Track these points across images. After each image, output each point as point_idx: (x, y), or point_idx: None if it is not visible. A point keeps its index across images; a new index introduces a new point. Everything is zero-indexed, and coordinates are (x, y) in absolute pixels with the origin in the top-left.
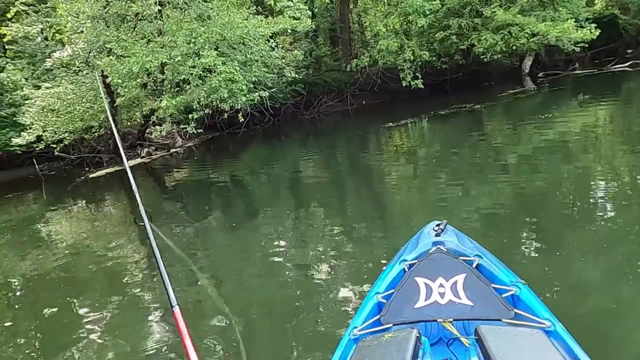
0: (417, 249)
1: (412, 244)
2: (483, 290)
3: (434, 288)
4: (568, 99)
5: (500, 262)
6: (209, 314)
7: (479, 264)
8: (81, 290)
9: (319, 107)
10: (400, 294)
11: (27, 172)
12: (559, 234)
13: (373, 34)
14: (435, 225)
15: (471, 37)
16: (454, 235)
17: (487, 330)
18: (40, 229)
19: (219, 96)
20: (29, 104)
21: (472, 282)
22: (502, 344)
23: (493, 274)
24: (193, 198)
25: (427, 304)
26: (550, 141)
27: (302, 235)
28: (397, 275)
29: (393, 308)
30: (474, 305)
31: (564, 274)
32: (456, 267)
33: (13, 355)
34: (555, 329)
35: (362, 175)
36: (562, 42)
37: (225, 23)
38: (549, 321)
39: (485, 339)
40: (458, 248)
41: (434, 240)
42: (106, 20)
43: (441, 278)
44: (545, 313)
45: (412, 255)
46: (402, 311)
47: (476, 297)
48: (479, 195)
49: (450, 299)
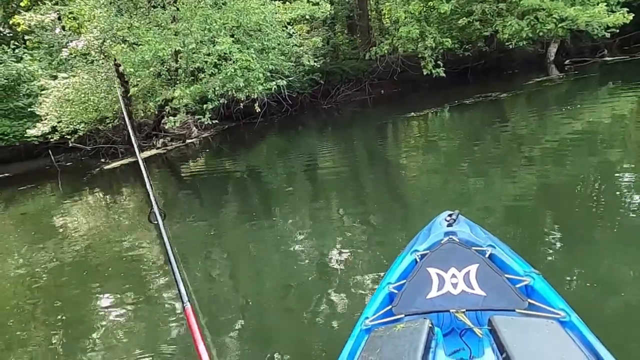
0: (429, 239)
1: (424, 234)
2: (496, 281)
3: (446, 278)
4: (596, 88)
5: (513, 252)
6: (222, 307)
7: (492, 254)
8: (96, 283)
9: (336, 96)
10: (412, 284)
11: (44, 163)
12: (582, 227)
13: (392, 20)
14: (448, 216)
15: (495, 23)
16: (466, 225)
17: (500, 320)
18: (56, 221)
19: (235, 85)
20: (45, 94)
21: (485, 273)
22: (516, 335)
23: (506, 264)
24: (208, 189)
25: (440, 294)
26: (577, 132)
27: (319, 226)
28: (409, 266)
29: (405, 298)
30: (487, 296)
31: (585, 266)
32: (469, 257)
33: (27, 342)
34: (571, 319)
35: (380, 166)
36: (592, 27)
37: (241, 9)
38: (563, 311)
39: (499, 330)
40: (470, 238)
41: (446, 230)
42: (119, 7)
43: (453, 268)
44: (560, 303)
45: (423, 245)
46: (414, 301)
47: (489, 288)
48: (501, 186)
49: (463, 289)
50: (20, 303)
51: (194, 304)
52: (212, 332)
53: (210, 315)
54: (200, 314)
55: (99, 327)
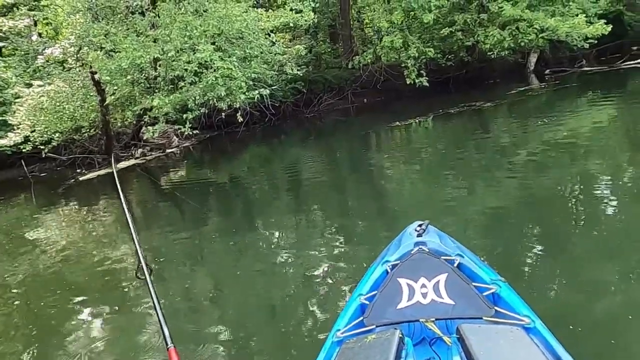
0: (400, 250)
1: (395, 245)
2: (464, 289)
3: (416, 288)
4: (576, 97)
5: (481, 261)
6: (196, 319)
7: (460, 263)
8: (71, 297)
9: (319, 105)
10: (383, 295)
11: (18, 173)
12: (558, 235)
13: (375, 30)
14: (418, 226)
15: (477, 33)
16: (436, 235)
17: (468, 328)
18: (30, 234)
19: (216, 94)
20: (19, 102)
21: (453, 282)
22: (482, 342)
23: (474, 273)
24: (190, 200)
25: (410, 304)
26: (558, 141)
27: (298, 238)
28: (380, 277)
29: (376, 309)
30: (455, 304)
31: (559, 274)
32: (438, 267)
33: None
34: (535, 325)
35: (363, 176)
36: (572, 37)
37: (223, 16)
38: (528, 318)
39: (467, 337)
40: (440, 248)
41: (415, 240)
42: (96, 13)
43: (423, 278)
44: (525, 310)
45: (394, 256)
46: (385, 312)
47: (458, 296)
48: (481, 196)
49: (433, 298)
50: None
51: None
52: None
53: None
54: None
55: (72, 343)
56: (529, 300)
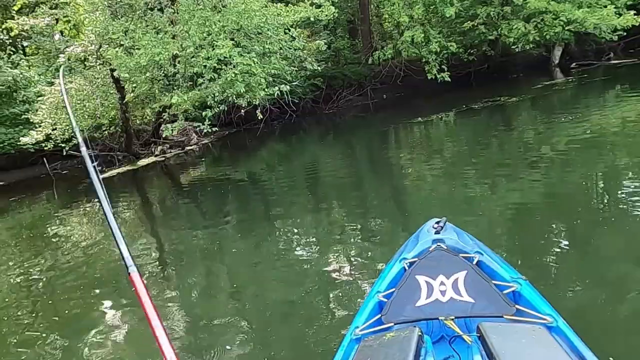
0: (417, 247)
1: (412, 242)
2: (484, 287)
3: (435, 286)
4: (604, 92)
5: (500, 258)
6: (220, 313)
7: (480, 260)
8: (93, 293)
9: (338, 101)
10: (401, 292)
11: (40, 171)
12: (582, 234)
13: (394, 25)
14: (435, 223)
15: (500, 27)
16: (454, 232)
17: (489, 327)
18: (52, 231)
19: (236, 91)
20: (42, 100)
21: (472, 279)
22: (504, 341)
23: (494, 271)
24: (209, 198)
25: (429, 302)
26: (584, 136)
27: (317, 235)
28: (398, 274)
29: (394, 307)
30: (475, 302)
31: (582, 273)
32: (456, 264)
33: (22, 350)
34: (557, 324)
35: (383, 173)
36: (600, 30)
37: (242, 11)
38: (550, 317)
39: (488, 336)
40: (458, 245)
41: (433, 237)
42: (115, 10)
43: (442, 276)
44: (547, 309)
45: (412, 253)
46: (403, 310)
47: (477, 294)
48: (504, 193)
49: (452, 296)
50: (16, 311)
51: None
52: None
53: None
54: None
55: (95, 339)
56: (550, 298)
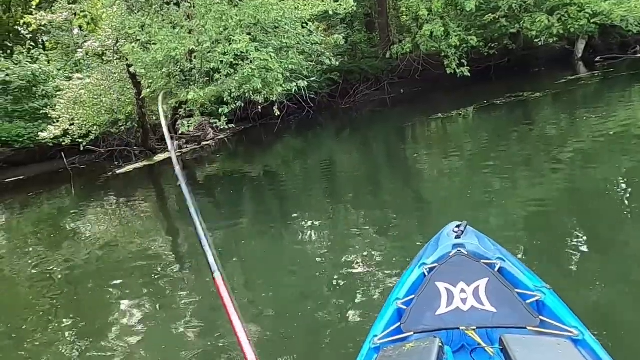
0: (437, 252)
1: (432, 246)
2: (506, 296)
3: (456, 293)
4: (630, 86)
5: (523, 265)
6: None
7: (502, 267)
8: (112, 285)
9: (355, 96)
10: (420, 300)
11: (58, 165)
12: (608, 238)
13: (412, 18)
14: (455, 227)
15: (523, 20)
16: (475, 237)
17: (512, 339)
18: (71, 225)
19: (252, 87)
20: (60, 95)
21: (495, 287)
22: (528, 354)
23: (517, 279)
24: (225, 193)
25: (449, 310)
26: (609, 133)
27: (334, 235)
28: (417, 280)
29: (414, 315)
30: (497, 312)
31: (616, 280)
32: (478, 271)
33: (55, 337)
34: (584, 337)
35: (400, 172)
36: (627, 22)
37: (259, 5)
38: (576, 329)
39: (511, 349)
40: (479, 251)
41: (454, 242)
42: (132, 4)
43: (462, 283)
44: (573, 321)
45: (431, 258)
46: (423, 318)
47: (499, 303)
48: (527, 193)
49: (473, 305)
50: (36, 302)
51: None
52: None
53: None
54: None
55: (114, 329)
56: (576, 309)
